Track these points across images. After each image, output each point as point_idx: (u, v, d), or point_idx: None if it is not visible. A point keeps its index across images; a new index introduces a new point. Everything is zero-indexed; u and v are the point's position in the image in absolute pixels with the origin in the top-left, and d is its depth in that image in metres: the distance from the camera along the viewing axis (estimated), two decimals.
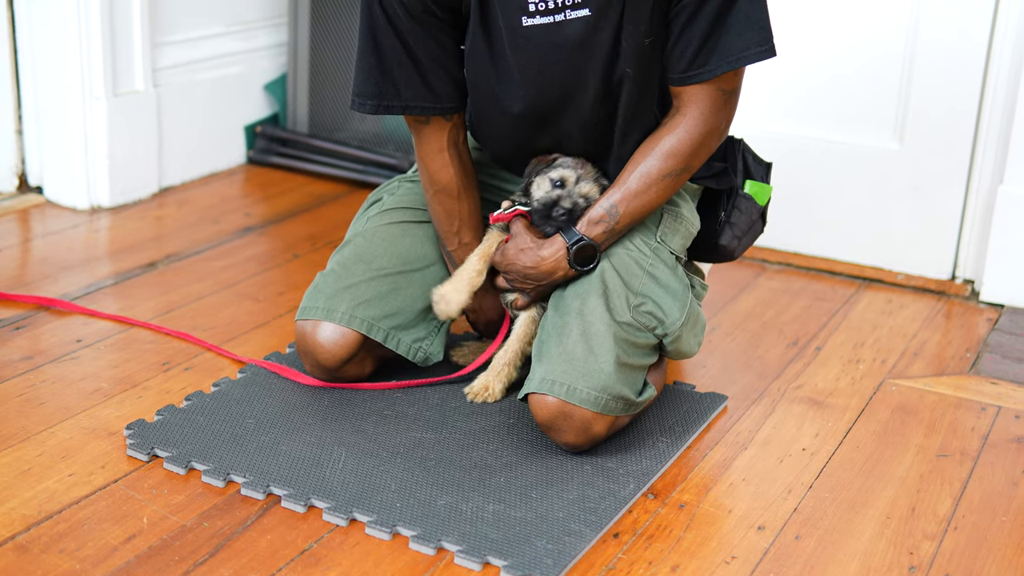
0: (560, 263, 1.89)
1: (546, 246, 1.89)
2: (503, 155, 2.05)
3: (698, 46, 1.79)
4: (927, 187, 2.67)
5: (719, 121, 1.86)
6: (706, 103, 1.84)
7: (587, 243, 1.87)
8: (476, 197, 2.01)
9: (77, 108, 2.87)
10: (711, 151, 1.90)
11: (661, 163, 1.85)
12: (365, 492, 1.76)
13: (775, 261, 2.79)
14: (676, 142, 1.85)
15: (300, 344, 2.00)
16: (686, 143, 1.85)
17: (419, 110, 1.90)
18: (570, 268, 1.88)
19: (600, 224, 1.87)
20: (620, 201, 1.87)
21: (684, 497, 1.82)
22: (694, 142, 1.85)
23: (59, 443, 1.88)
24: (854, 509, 1.81)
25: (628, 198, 1.87)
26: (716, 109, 1.85)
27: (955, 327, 2.49)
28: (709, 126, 1.85)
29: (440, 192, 1.97)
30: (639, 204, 1.87)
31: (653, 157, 1.86)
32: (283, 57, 3.40)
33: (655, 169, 1.86)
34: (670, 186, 1.88)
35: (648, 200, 1.88)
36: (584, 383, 1.80)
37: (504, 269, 1.95)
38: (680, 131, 1.85)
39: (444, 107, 1.92)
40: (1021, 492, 1.87)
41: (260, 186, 3.18)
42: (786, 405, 2.12)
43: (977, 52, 2.56)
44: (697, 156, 1.87)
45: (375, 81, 1.88)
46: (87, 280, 2.51)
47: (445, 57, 1.88)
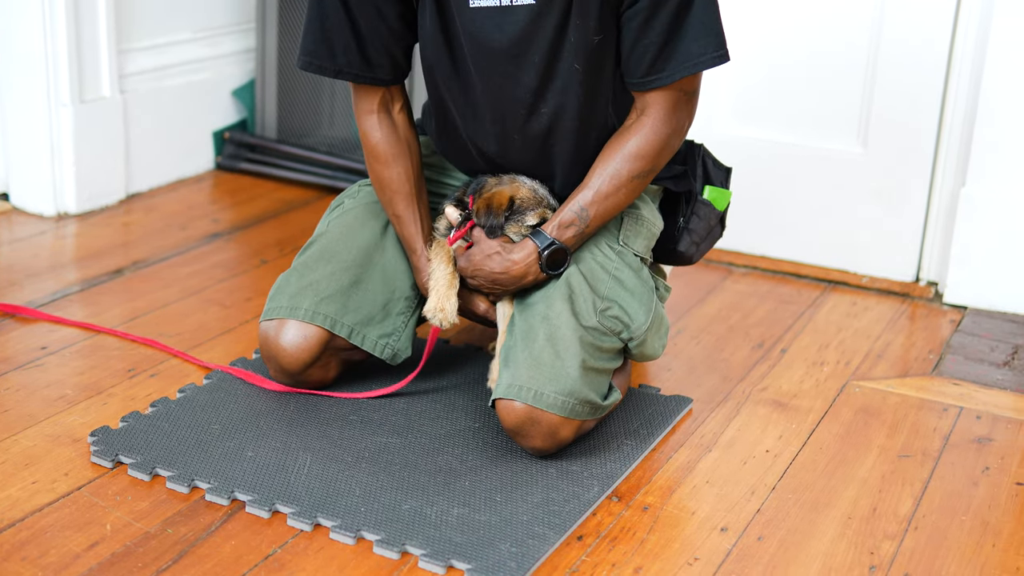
0: (531, 267, 1.89)
1: (516, 250, 1.90)
2: (455, 150, 2.05)
3: (656, 52, 1.81)
4: (891, 190, 2.69)
5: (681, 121, 1.89)
6: (668, 104, 1.86)
7: (559, 247, 1.88)
8: (409, 170, 1.98)
9: (43, 114, 2.86)
10: (675, 150, 1.92)
11: (630, 164, 1.87)
12: (330, 497, 1.76)
13: (741, 264, 2.80)
14: (643, 142, 1.87)
15: (264, 348, 2.00)
16: (653, 143, 1.87)
17: (351, 77, 1.92)
18: (540, 272, 1.89)
19: (571, 228, 1.89)
20: (590, 204, 1.88)
21: (648, 499, 1.83)
22: (660, 142, 1.87)
23: (22, 450, 1.87)
24: (816, 510, 1.82)
25: (598, 200, 1.88)
26: (678, 109, 1.87)
27: (919, 329, 2.51)
28: (672, 126, 1.88)
29: (369, 156, 1.98)
30: (609, 205, 1.89)
31: (620, 159, 1.87)
32: (251, 63, 3.40)
33: (624, 171, 1.87)
34: (638, 187, 1.90)
35: (617, 202, 1.89)
36: (551, 388, 1.81)
37: (471, 275, 1.95)
38: (646, 131, 1.87)
39: (376, 77, 1.93)
40: (981, 492, 1.89)
41: (228, 192, 3.18)
42: (751, 407, 2.13)
43: (939, 57, 2.59)
44: (662, 156, 1.89)
45: (315, 40, 1.91)
46: (53, 287, 2.50)
47: (384, 29, 1.89)
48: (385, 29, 1.89)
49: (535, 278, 1.90)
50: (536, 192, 1.93)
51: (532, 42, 1.84)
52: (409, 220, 1.98)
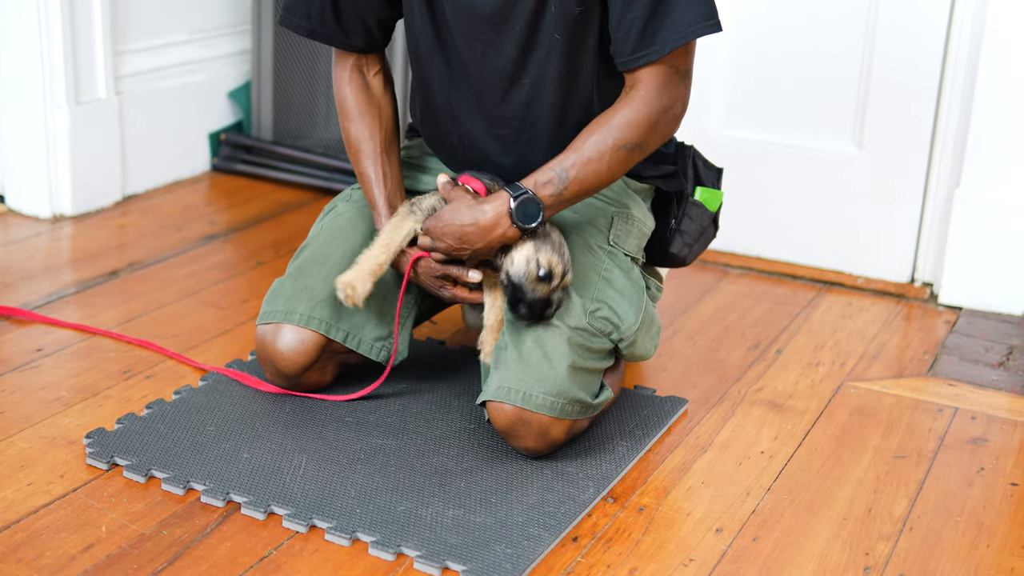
0: (501, 219, 1.81)
1: (487, 201, 1.83)
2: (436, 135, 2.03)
3: (643, 24, 1.77)
4: (886, 191, 2.70)
5: (674, 100, 1.83)
6: (660, 80, 1.81)
7: (532, 197, 1.80)
8: (375, 127, 1.98)
9: (39, 116, 2.86)
10: (666, 134, 1.86)
11: (617, 133, 1.81)
12: (325, 498, 1.76)
13: (737, 265, 2.81)
14: (633, 114, 1.81)
15: (260, 352, 2.00)
16: (643, 116, 1.81)
17: (324, 38, 1.96)
18: (511, 225, 1.81)
19: (548, 186, 1.81)
20: (572, 166, 1.81)
21: (643, 500, 1.83)
22: (651, 115, 1.81)
23: (18, 452, 1.87)
24: (811, 511, 1.82)
25: (580, 164, 1.81)
26: (671, 87, 1.82)
27: (914, 330, 2.52)
28: (664, 102, 1.82)
29: (340, 113, 2.01)
30: (591, 172, 1.82)
31: (609, 127, 1.81)
32: (247, 64, 3.40)
33: (610, 138, 1.81)
34: (623, 159, 1.83)
35: (600, 170, 1.82)
36: (539, 389, 1.81)
37: (438, 234, 1.85)
38: (636, 104, 1.81)
39: (349, 43, 1.97)
40: (976, 492, 1.89)
41: (224, 194, 3.18)
42: (746, 408, 2.13)
43: (933, 58, 2.59)
44: (653, 133, 1.83)
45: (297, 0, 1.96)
46: (49, 289, 2.50)
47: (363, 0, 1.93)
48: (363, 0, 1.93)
49: (504, 232, 1.81)
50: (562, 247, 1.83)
51: (515, 8, 1.82)
52: (371, 178, 1.96)
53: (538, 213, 1.80)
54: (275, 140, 3.33)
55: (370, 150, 1.97)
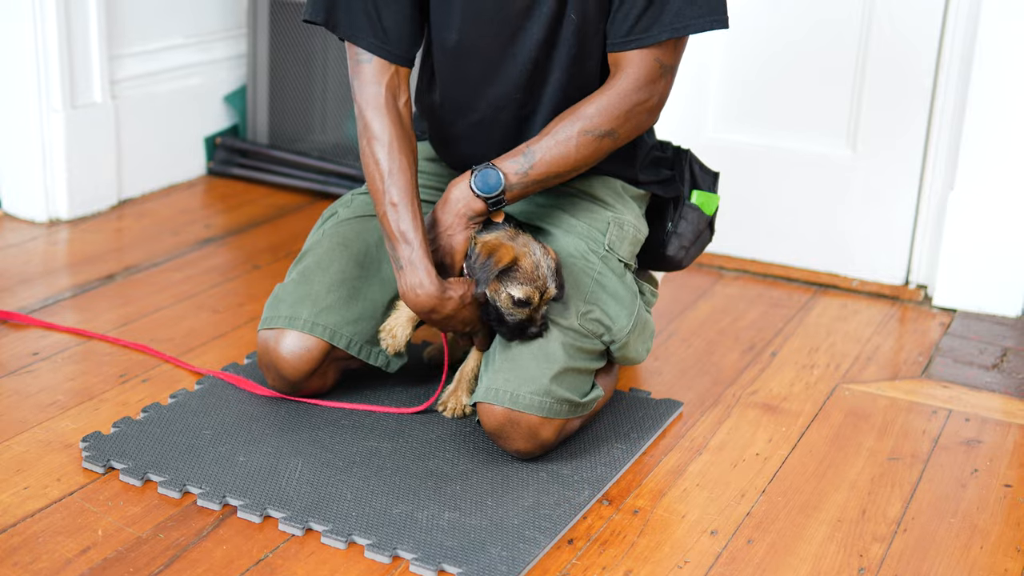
0: (463, 191, 1.84)
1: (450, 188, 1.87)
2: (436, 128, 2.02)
3: (643, 8, 1.78)
4: (880, 194, 2.71)
5: (651, 94, 1.84)
6: (641, 71, 1.82)
7: (492, 169, 1.82)
8: (410, 158, 1.88)
9: (35, 120, 2.87)
10: (640, 126, 1.87)
11: (587, 120, 1.83)
12: (321, 502, 1.77)
13: (732, 268, 2.81)
14: (605, 101, 1.83)
15: (262, 357, 2.00)
16: (614, 104, 1.82)
17: (365, 44, 1.87)
18: (474, 196, 1.83)
19: (513, 164, 1.83)
20: (539, 148, 1.83)
21: (638, 503, 1.84)
22: (622, 105, 1.83)
23: (14, 456, 1.88)
24: (806, 513, 1.83)
25: (547, 147, 1.83)
26: (650, 80, 1.83)
27: (908, 332, 2.52)
28: (640, 95, 1.83)
29: (373, 140, 1.87)
30: (557, 155, 1.83)
31: (579, 114, 1.83)
32: (243, 68, 3.41)
33: (578, 124, 1.83)
34: (590, 145, 1.84)
35: (567, 154, 1.83)
36: (527, 388, 1.82)
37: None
38: (610, 92, 1.83)
39: (389, 50, 1.88)
40: (969, 494, 1.90)
41: (220, 197, 3.18)
42: (741, 410, 2.14)
43: (927, 61, 2.60)
44: (625, 122, 1.84)
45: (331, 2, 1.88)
46: (45, 293, 2.50)
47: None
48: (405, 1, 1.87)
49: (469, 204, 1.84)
50: (538, 269, 1.81)
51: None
52: (406, 210, 1.85)
53: (498, 184, 1.82)
54: (271, 144, 3.33)
55: (403, 183, 1.86)
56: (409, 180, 1.86)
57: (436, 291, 1.81)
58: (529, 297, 1.80)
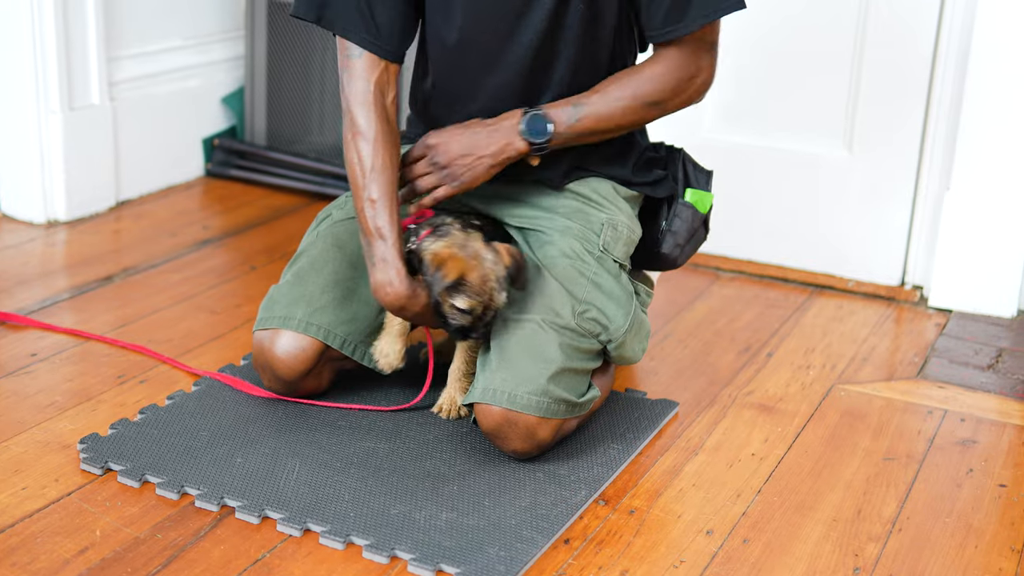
0: (512, 133, 1.88)
1: (498, 120, 1.89)
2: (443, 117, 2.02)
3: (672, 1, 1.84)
4: (876, 194, 2.71)
5: (700, 68, 1.91)
6: (688, 49, 1.89)
7: (543, 114, 1.87)
8: (393, 156, 1.89)
9: (33, 122, 2.87)
10: (688, 100, 1.93)
11: (638, 86, 1.89)
12: (319, 502, 1.77)
13: (728, 269, 2.82)
14: (658, 72, 1.89)
15: (258, 358, 2.01)
16: (667, 77, 1.89)
17: (356, 39, 1.88)
18: (520, 137, 1.87)
19: (563, 113, 1.88)
20: (589, 103, 1.89)
21: (634, 503, 1.84)
22: (675, 79, 1.89)
23: (12, 457, 1.88)
24: (801, 512, 1.84)
25: (597, 103, 1.89)
26: (698, 57, 1.90)
27: (904, 332, 2.53)
28: (690, 70, 1.90)
29: (358, 135, 1.88)
30: (605, 114, 1.89)
31: (633, 79, 1.90)
32: (240, 70, 3.41)
33: (631, 89, 1.89)
34: (639, 112, 1.90)
35: (614, 115, 1.89)
36: (524, 389, 1.83)
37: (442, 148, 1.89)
38: (662, 66, 1.90)
39: (380, 46, 1.89)
40: (964, 493, 1.91)
41: (218, 199, 3.19)
42: (737, 411, 2.15)
43: (923, 62, 2.61)
44: (674, 95, 1.91)
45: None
46: (43, 294, 2.51)
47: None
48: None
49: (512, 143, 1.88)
50: (486, 282, 1.82)
51: None
52: (384, 207, 1.86)
53: (546, 130, 1.87)
54: (269, 145, 3.34)
55: (383, 181, 1.87)
56: (390, 178, 1.88)
57: (405, 291, 1.84)
58: (472, 308, 1.82)
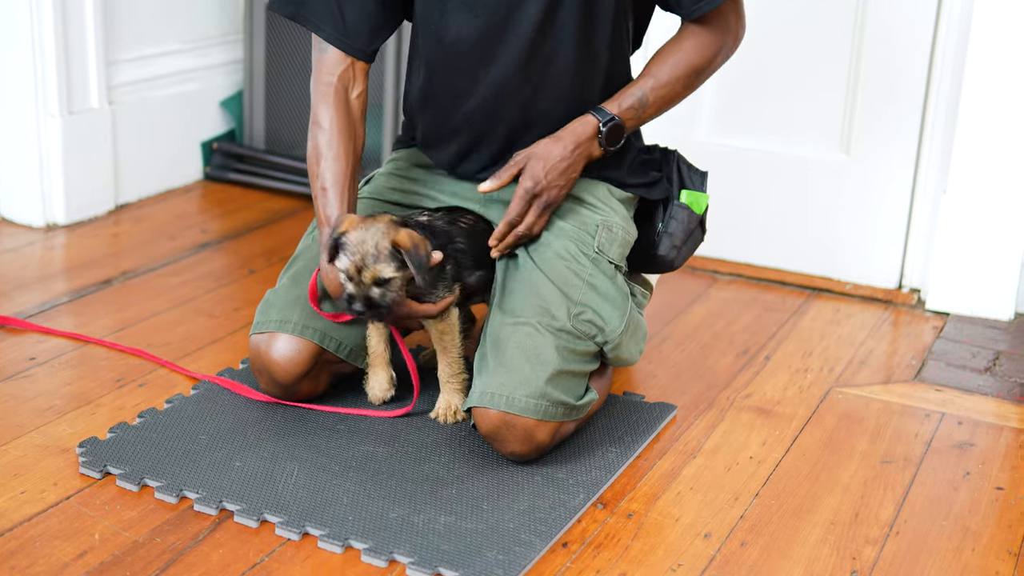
0: (592, 143, 1.95)
1: (574, 128, 1.95)
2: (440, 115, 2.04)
3: None
4: (873, 198, 2.72)
5: (735, 28, 2.00)
6: (721, 16, 1.97)
7: (618, 123, 1.96)
8: (348, 147, 1.94)
9: (32, 126, 2.88)
10: (726, 58, 2.02)
11: (689, 57, 1.97)
12: (318, 506, 1.78)
13: (726, 272, 2.83)
14: (697, 41, 1.97)
15: (254, 361, 2.01)
16: (707, 45, 1.97)
17: (326, 35, 1.94)
18: (599, 147, 1.96)
19: (630, 110, 1.97)
20: (651, 90, 1.97)
21: (632, 506, 1.85)
22: (715, 44, 1.97)
23: (11, 461, 1.88)
24: (799, 516, 1.84)
25: (657, 88, 1.97)
26: (727, 20, 1.98)
27: (901, 335, 2.54)
28: (726, 33, 1.99)
29: (316, 126, 1.95)
30: (665, 95, 1.98)
31: (682, 53, 1.97)
32: (239, 74, 3.42)
33: (683, 63, 1.97)
34: (691, 83, 1.99)
35: (673, 92, 1.98)
36: (522, 391, 1.83)
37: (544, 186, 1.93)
38: (699, 35, 1.97)
39: (347, 43, 1.94)
40: (961, 496, 1.91)
41: (217, 202, 3.19)
42: (735, 414, 2.15)
43: (920, 65, 2.62)
44: (717, 57, 2.00)
45: None
46: (42, 298, 2.51)
47: None
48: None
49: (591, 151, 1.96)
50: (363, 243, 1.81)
51: None
52: (335, 196, 1.91)
53: (623, 135, 1.98)
54: (267, 149, 3.34)
55: (335, 172, 1.92)
56: (343, 168, 1.93)
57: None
58: (347, 270, 1.82)
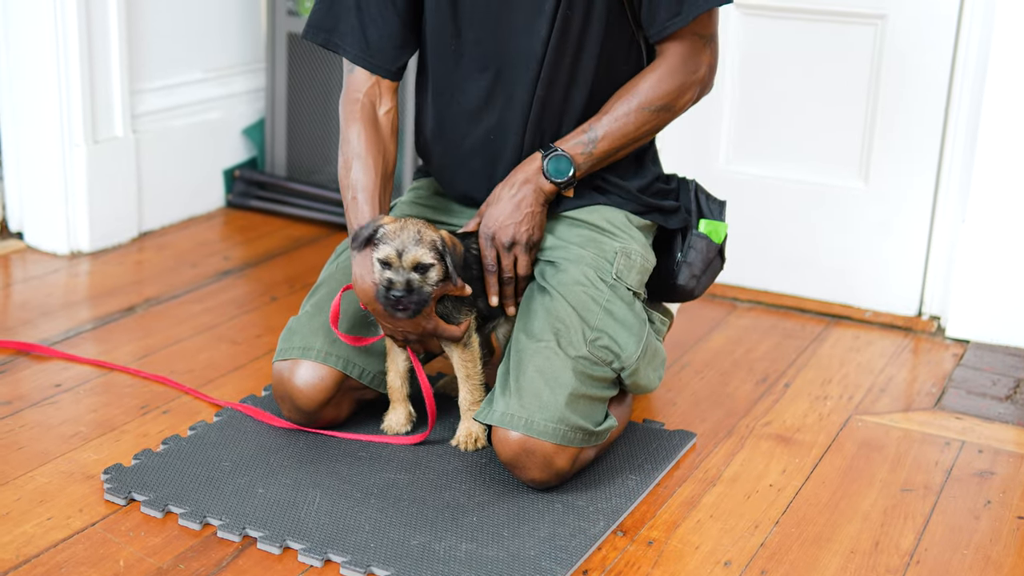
0: (537, 178, 1.96)
1: (519, 170, 1.97)
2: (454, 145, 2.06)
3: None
4: (893, 225, 2.73)
5: (699, 64, 1.98)
6: (685, 48, 1.96)
7: (561, 154, 1.95)
8: (377, 160, 1.99)
9: (57, 154, 2.91)
10: (694, 97, 2.01)
11: (642, 96, 1.97)
12: (340, 533, 1.79)
13: (746, 299, 2.83)
14: (657, 78, 1.97)
15: (277, 388, 2.03)
16: (665, 80, 1.97)
17: (351, 56, 2.01)
18: (546, 180, 1.96)
19: (578, 146, 1.96)
20: (600, 126, 1.96)
21: (652, 534, 1.85)
22: (673, 81, 1.97)
23: (37, 487, 1.90)
24: (819, 544, 1.84)
25: (607, 124, 1.96)
26: (696, 53, 1.97)
27: (921, 363, 2.54)
28: (689, 67, 1.97)
29: (346, 142, 2.00)
30: (618, 131, 1.96)
31: (635, 91, 1.97)
32: (261, 102, 3.45)
33: (635, 101, 1.97)
34: (649, 120, 1.98)
35: (626, 130, 1.97)
36: (541, 415, 1.84)
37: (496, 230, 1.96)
38: (661, 71, 1.97)
39: (372, 63, 2.00)
40: (982, 525, 1.91)
41: (239, 229, 3.22)
42: (754, 442, 2.16)
43: (939, 93, 2.62)
44: (678, 96, 1.99)
45: (323, 13, 2.02)
46: (67, 325, 2.54)
47: (389, 13, 1.99)
48: (391, 14, 1.98)
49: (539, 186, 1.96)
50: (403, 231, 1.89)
51: None
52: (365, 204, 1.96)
53: (569, 168, 1.96)
54: (289, 176, 3.37)
55: (368, 180, 1.98)
56: (373, 178, 1.98)
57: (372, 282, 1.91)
58: (387, 257, 1.87)
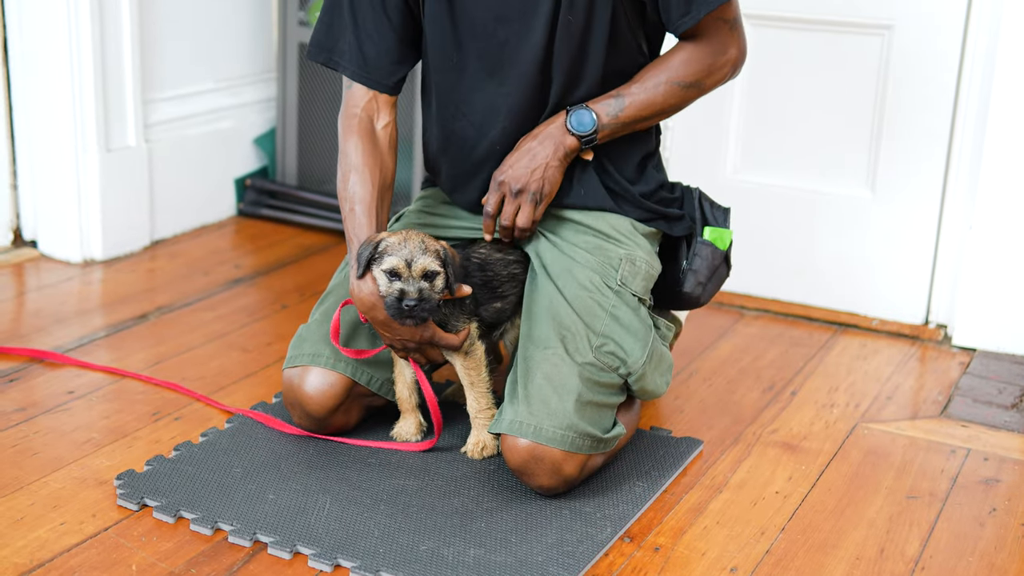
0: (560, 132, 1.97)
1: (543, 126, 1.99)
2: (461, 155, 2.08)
3: None
4: (899, 234, 2.74)
5: (726, 46, 2.00)
6: (710, 32, 1.98)
7: (586, 109, 1.97)
8: (374, 172, 2.01)
9: (70, 163, 2.94)
10: (722, 78, 2.03)
11: (672, 71, 1.99)
12: (349, 538, 1.81)
13: (753, 308, 2.85)
14: (686, 55, 1.99)
15: (287, 395, 2.05)
16: (695, 60, 1.99)
17: (349, 72, 2.03)
18: (569, 135, 1.97)
19: (605, 106, 1.98)
20: (629, 93, 1.98)
21: (659, 540, 1.87)
22: (704, 60, 1.99)
23: (51, 493, 1.93)
24: (824, 551, 1.86)
25: (637, 92, 1.98)
26: (720, 35, 1.99)
27: (928, 371, 2.55)
28: (715, 48, 1.99)
29: (344, 155, 2.03)
30: (646, 101, 1.99)
31: (666, 66, 2.00)
32: (272, 111, 3.48)
33: (664, 74, 1.99)
34: (677, 94, 2.00)
35: (655, 101, 1.99)
36: (550, 423, 1.86)
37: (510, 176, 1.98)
38: (690, 48, 1.99)
39: (369, 78, 2.02)
40: (988, 532, 1.92)
41: (250, 238, 3.24)
42: (761, 449, 2.17)
43: (945, 101, 2.64)
44: (708, 75, 2.01)
45: (323, 33, 2.04)
46: (80, 332, 2.56)
47: (385, 29, 2.00)
48: (387, 30, 2.00)
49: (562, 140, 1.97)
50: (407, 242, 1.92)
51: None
52: (363, 216, 1.99)
53: (592, 123, 1.97)
54: (300, 185, 3.40)
55: (365, 192, 2.00)
56: (370, 190, 2.00)
57: (370, 289, 1.92)
58: (394, 267, 1.89)
